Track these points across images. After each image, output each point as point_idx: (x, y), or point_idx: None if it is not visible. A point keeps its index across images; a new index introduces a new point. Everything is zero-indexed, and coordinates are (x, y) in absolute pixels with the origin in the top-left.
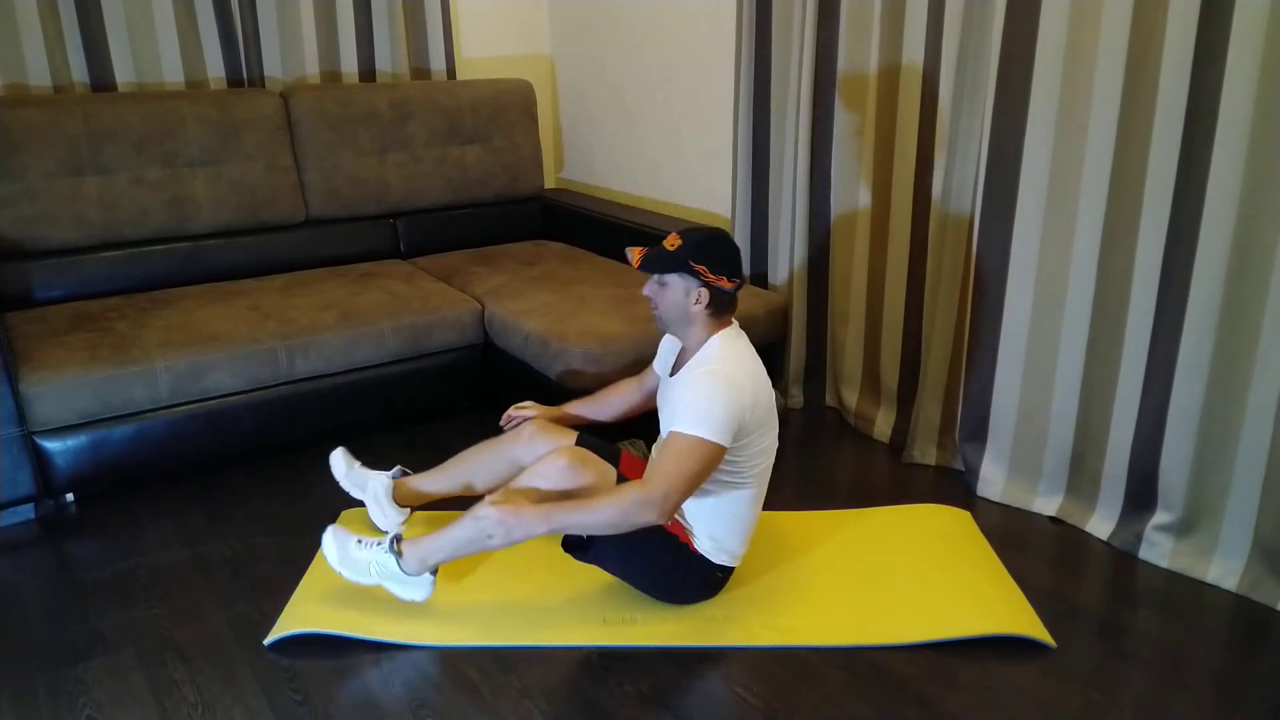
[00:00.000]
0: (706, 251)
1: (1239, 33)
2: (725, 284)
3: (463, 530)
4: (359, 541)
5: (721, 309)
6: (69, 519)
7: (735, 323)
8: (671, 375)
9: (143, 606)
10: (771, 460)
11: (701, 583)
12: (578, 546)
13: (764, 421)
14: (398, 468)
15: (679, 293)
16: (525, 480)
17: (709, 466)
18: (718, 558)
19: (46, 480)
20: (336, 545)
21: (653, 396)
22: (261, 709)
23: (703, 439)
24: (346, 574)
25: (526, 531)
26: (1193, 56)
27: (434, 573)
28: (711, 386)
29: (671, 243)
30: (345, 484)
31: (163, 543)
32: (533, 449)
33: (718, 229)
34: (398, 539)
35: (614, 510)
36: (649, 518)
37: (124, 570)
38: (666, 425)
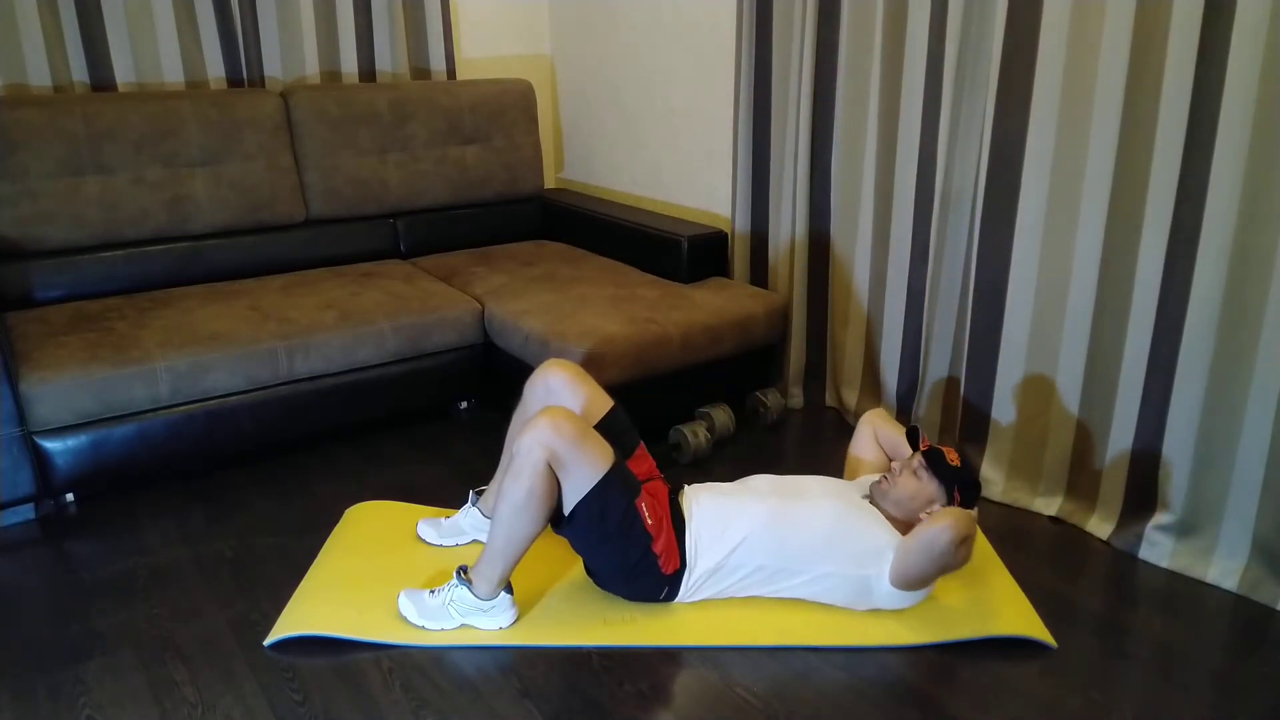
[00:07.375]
0: (968, 492)
1: (1241, 34)
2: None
3: (499, 519)
4: (431, 592)
5: None
6: (69, 519)
7: None
8: (865, 497)
9: (143, 606)
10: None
11: (655, 587)
12: (555, 521)
13: None
14: (471, 492)
15: (923, 495)
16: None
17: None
18: (682, 575)
19: (46, 480)
20: (412, 603)
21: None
22: (261, 709)
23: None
24: (430, 625)
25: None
26: (1195, 57)
27: (509, 591)
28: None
29: (953, 459)
30: (447, 542)
31: (163, 543)
32: (549, 390)
33: (978, 481)
34: (464, 569)
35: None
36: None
37: (124, 570)
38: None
